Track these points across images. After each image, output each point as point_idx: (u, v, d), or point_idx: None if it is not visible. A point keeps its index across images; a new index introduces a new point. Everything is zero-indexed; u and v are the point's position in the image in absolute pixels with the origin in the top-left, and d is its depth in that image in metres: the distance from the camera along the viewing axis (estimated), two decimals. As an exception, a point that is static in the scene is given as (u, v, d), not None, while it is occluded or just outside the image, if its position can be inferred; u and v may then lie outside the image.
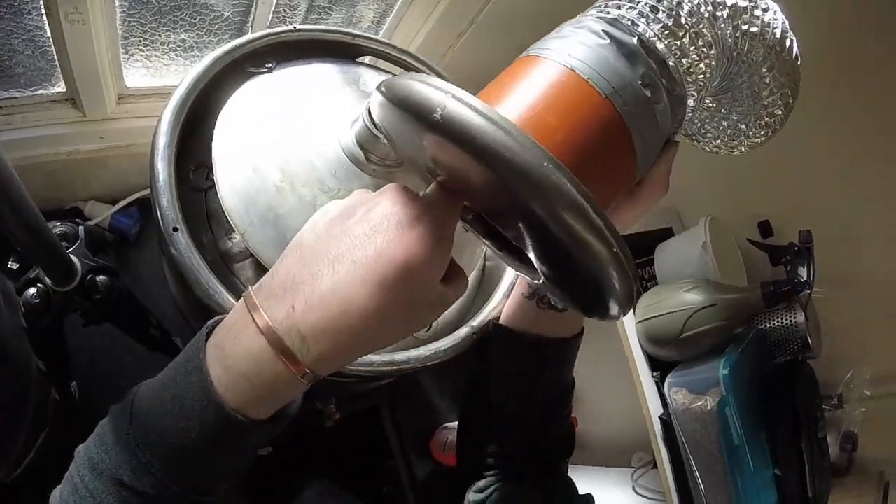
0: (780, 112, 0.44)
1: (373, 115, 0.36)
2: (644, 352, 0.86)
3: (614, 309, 0.31)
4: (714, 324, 0.77)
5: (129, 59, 0.84)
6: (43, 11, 0.66)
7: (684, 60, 0.35)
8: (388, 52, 0.74)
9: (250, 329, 0.27)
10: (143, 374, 0.31)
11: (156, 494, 0.28)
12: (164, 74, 0.92)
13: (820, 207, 0.93)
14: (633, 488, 1.00)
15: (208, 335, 0.29)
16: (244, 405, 0.28)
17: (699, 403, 0.75)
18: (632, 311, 0.89)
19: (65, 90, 0.82)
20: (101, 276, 0.51)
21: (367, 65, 0.74)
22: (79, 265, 0.50)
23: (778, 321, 0.82)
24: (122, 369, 0.97)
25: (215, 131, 0.57)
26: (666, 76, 0.35)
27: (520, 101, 0.32)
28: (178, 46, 0.86)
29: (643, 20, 0.34)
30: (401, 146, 0.38)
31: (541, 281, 0.37)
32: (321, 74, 0.67)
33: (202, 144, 0.58)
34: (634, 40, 0.34)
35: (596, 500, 1.03)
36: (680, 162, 0.52)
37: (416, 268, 0.27)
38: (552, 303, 0.48)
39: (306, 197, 0.56)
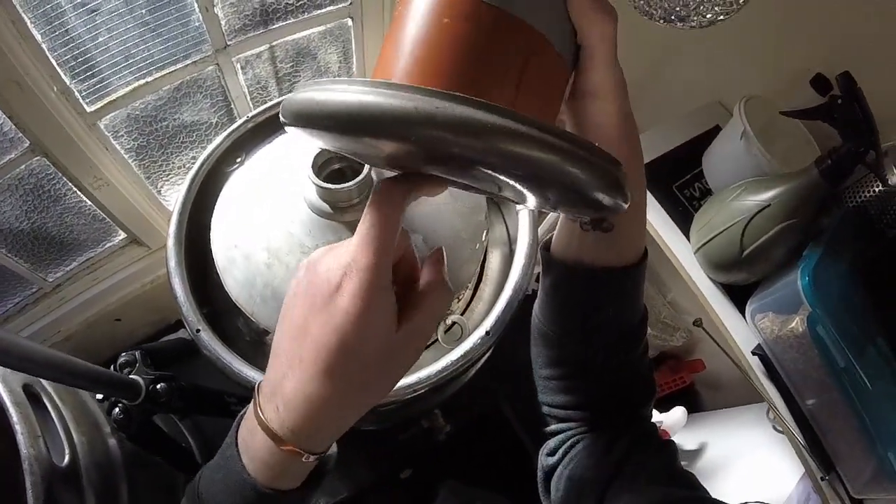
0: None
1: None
2: (714, 282, 0.76)
3: (608, 200, 0.26)
4: (776, 228, 0.66)
5: (159, 191, 0.98)
6: (75, 189, 0.81)
7: None
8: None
9: (258, 428, 0.32)
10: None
11: None
12: (196, 189, 1.05)
13: (878, 35, 0.75)
14: (773, 426, 0.88)
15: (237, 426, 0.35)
16: (271, 482, 0.32)
17: (791, 326, 0.64)
18: (686, 240, 0.80)
19: (125, 236, 0.98)
20: (161, 384, 0.63)
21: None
22: (141, 382, 0.62)
23: (866, 193, 0.67)
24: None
25: (211, 237, 0.64)
26: None
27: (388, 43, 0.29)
28: (192, 162, 0.98)
29: None
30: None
31: (532, 206, 0.33)
32: (285, 146, 0.72)
33: (214, 250, 0.66)
34: None
35: (735, 443, 0.94)
36: (707, 46, 0.40)
37: (353, 343, 0.29)
38: (597, 224, 0.39)
39: (292, 264, 0.60)
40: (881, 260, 0.69)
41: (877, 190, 0.71)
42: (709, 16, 0.46)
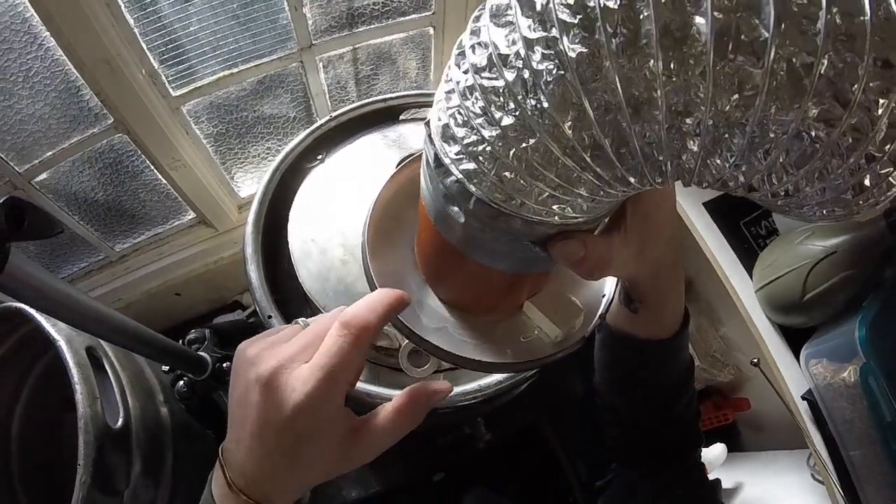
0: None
1: None
2: (773, 322, 0.76)
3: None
4: (840, 275, 0.65)
5: (233, 177, 1.02)
6: (153, 168, 0.85)
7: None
8: (423, 99, 0.79)
9: (227, 490, 0.33)
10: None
11: None
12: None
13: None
14: (812, 474, 0.87)
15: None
16: None
17: (843, 375, 0.64)
18: (749, 277, 0.80)
19: (195, 216, 1.03)
20: (227, 363, 0.65)
21: (408, 119, 0.80)
22: (209, 359, 0.65)
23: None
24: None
25: (288, 229, 0.67)
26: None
27: None
28: (267, 153, 1.02)
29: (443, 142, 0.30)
30: None
31: None
32: (365, 147, 0.75)
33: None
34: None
35: (771, 488, 0.92)
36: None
37: (304, 424, 0.30)
38: (625, 301, 0.45)
39: (367, 264, 0.63)
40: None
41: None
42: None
